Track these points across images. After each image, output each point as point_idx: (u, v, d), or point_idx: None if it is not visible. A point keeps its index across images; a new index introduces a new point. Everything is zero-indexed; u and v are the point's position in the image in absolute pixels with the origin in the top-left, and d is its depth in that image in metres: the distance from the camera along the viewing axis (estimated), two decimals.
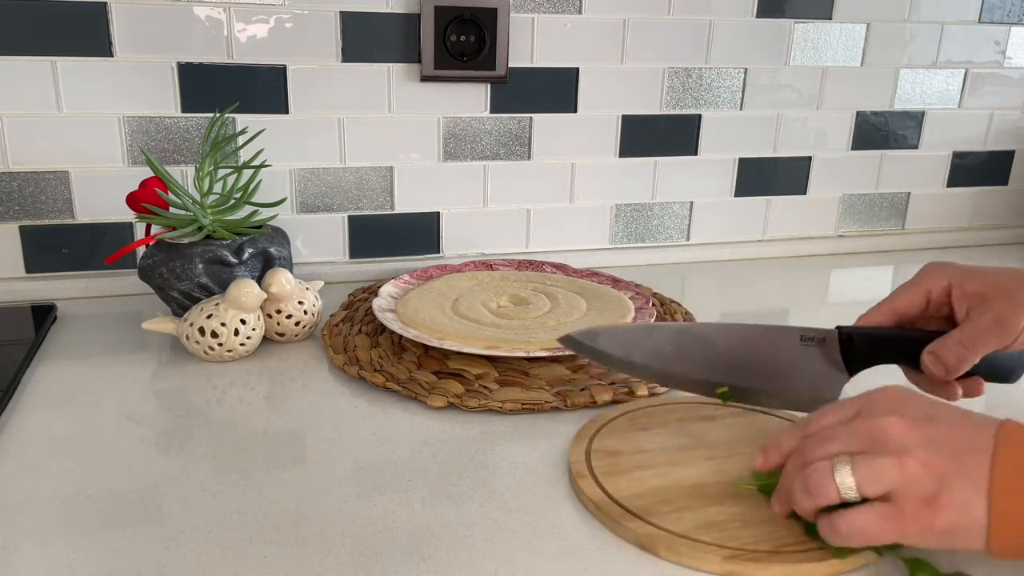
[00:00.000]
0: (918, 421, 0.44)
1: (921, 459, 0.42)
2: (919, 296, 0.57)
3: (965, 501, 0.42)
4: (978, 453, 0.42)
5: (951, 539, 0.42)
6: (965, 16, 1.10)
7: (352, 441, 0.61)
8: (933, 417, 0.45)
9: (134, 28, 0.84)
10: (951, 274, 0.56)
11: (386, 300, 0.83)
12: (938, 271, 0.57)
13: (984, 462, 0.42)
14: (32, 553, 0.47)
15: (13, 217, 0.87)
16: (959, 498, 0.42)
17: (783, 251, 1.13)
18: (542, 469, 0.58)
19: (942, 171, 1.18)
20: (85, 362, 0.73)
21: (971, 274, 0.56)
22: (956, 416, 0.45)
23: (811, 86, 1.08)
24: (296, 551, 0.48)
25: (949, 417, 0.45)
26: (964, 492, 0.42)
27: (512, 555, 0.48)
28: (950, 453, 0.43)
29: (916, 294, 0.57)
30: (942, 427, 0.44)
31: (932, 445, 0.43)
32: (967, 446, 0.43)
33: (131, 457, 0.58)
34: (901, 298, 0.58)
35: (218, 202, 0.79)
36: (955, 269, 0.57)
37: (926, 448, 0.43)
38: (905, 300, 0.57)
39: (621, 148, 1.03)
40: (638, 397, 0.67)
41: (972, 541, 0.42)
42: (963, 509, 0.42)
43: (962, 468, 0.42)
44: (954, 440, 0.43)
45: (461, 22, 0.92)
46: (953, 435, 0.43)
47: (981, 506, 0.41)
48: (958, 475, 0.42)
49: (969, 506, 0.42)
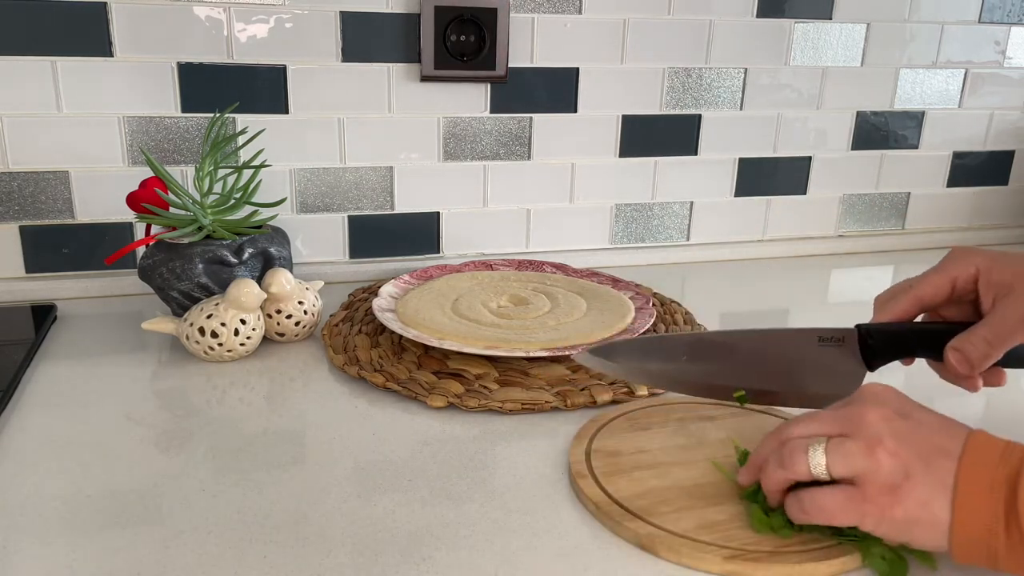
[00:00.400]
0: (895, 414, 0.46)
1: (890, 448, 0.44)
2: (945, 284, 0.56)
3: (927, 498, 0.43)
4: (946, 457, 0.44)
5: (909, 532, 0.44)
6: (965, 16, 1.10)
7: (352, 441, 0.61)
8: (910, 416, 0.46)
9: (134, 28, 0.84)
10: (978, 261, 0.55)
11: (386, 300, 0.83)
12: (964, 258, 0.56)
13: (950, 466, 0.43)
14: (32, 553, 0.47)
15: (13, 217, 0.87)
16: (921, 494, 0.43)
17: (783, 251, 1.13)
18: (542, 469, 0.58)
19: (942, 171, 1.18)
20: (85, 362, 0.73)
21: (998, 261, 0.55)
22: (932, 419, 0.46)
23: (811, 86, 1.08)
24: (296, 551, 0.48)
25: (925, 419, 0.46)
26: (927, 490, 0.43)
27: (512, 555, 0.48)
28: (919, 451, 0.44)
29: (941, 282, 0.56)
30: (917, 425, 0.45)
31: (903, 439, 0.44)
32: (937, 447, 0.44)
33: (131, 457, 0.58)
34: (926, 287, 0.56)
35: (218, 202, 0.79)
36: (982, 256, 0.55)
37: (897, 440, 0.44)
38: (930, 289, 0.56)
39: (621, 148, 1.03)
40: (638, 397, 0.67)
41: (932, 539, 0.43)
42: (924, 505, 0.43)
43: (928, 466, 0.43)
44: (926, 439, 0.44)
45: (461, 22, 0.92)
46: (925, 435, 0.45)
47: (943, 507, 0.43)
48: (924, 473, 0.43)
49: (930, 504, 0.43)
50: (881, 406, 0.46)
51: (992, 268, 0.54)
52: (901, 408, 0.47)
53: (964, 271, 0.55)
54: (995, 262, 0.55)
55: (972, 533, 0.42)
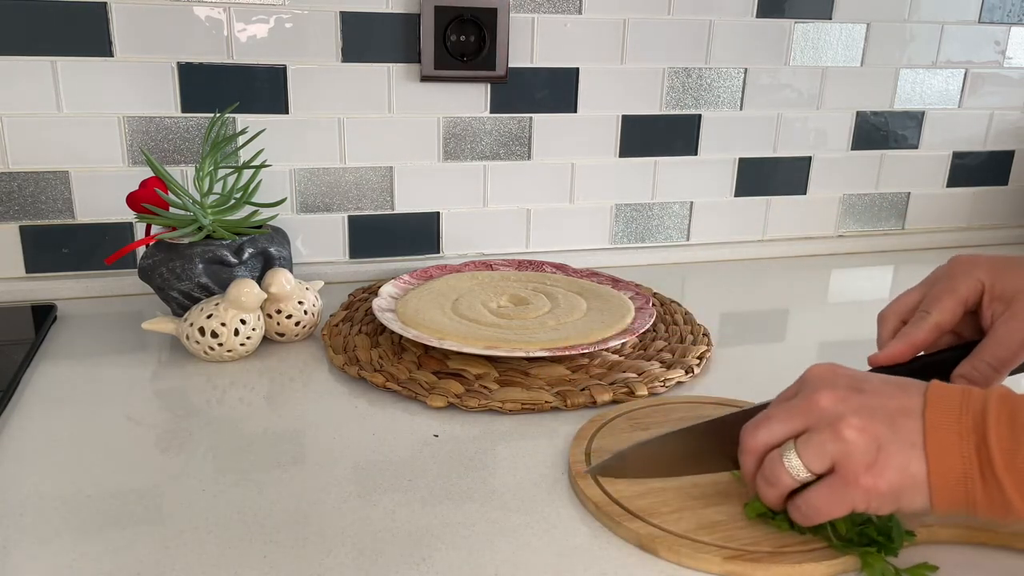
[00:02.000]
0: (848, 391, 0.46)
1: (855, 425, 0.44)
2: (959, 307, 0.54)
3: (903, 462, 0.43)
4: (909, 416, 0.44)
5: (897, 501, 0.44)
6: (965, 16, 1.10)
7: (352, 441, 0.61)
8: (863, 388, 0.46)
9: (134, 28, 0.84)
10: (981, 276, 0.54)
11: (386, 300, 0.83)
12: (968, 273, 0.54)
13: (916, 424, 0.44)
14: (32, 553, 0.47)
15: (13, 217, 0.87)
16: (897, 460, 0.43)
17: (783, 251, 1.13)
18: (542, 469, 0.58)
19: (942, 171, 1.18)
20: (85, 362, 0.73)
21: (1001, 273, 0.54)
22: (885, 384, 0.46)
23: (811, 86, 1.08)
24: (296, 551, 0.48)
25: (879, 385, 0.46)
26: (901, 454, 0.43)
27: (512, 555, 0.48)
28: (883, 418, 0.44)
29: (956, 305, 0.54)
30: (873, 396, 0.45)
31: (865, 412, 0.44)
32: (899, 410, 0.44)
33: (131, 457, 0.58)
34: (944, 313, 0.54)
35: (218, 202, 0.79)
36: (984, 268, 0.54)
37: (859, 414, 0.44)
38: (949, 315, 0.54)
39: (621, 148, 1.03)
40: (638, 397, 0.67)
41: (916, 501, 0.44)
42: (902, 469, 0.43)
43: (896, 431, 0.44)
44: (885, 406, 0.45)
45: (461, 22, 0.92)
46: (884, 401, 0.45)
47: (919, 465, 0.43)
48: (893, 438, 0.43)
49: (908, 466, 0.43)
50: (831, 388, 0.46)
51: (995, 281, 0.53)
52: (852, 383, 0.46)
53: (972, 289, 0.54)
54: (998, 274, 0.54)
55: (949, 482, 0.43)
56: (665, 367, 0.73)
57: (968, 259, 0.56)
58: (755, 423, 0.48)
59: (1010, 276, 0.53)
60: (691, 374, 0.72)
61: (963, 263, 0.56)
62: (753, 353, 0.80)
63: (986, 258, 0.55)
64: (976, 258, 0.56)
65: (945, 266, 0.57)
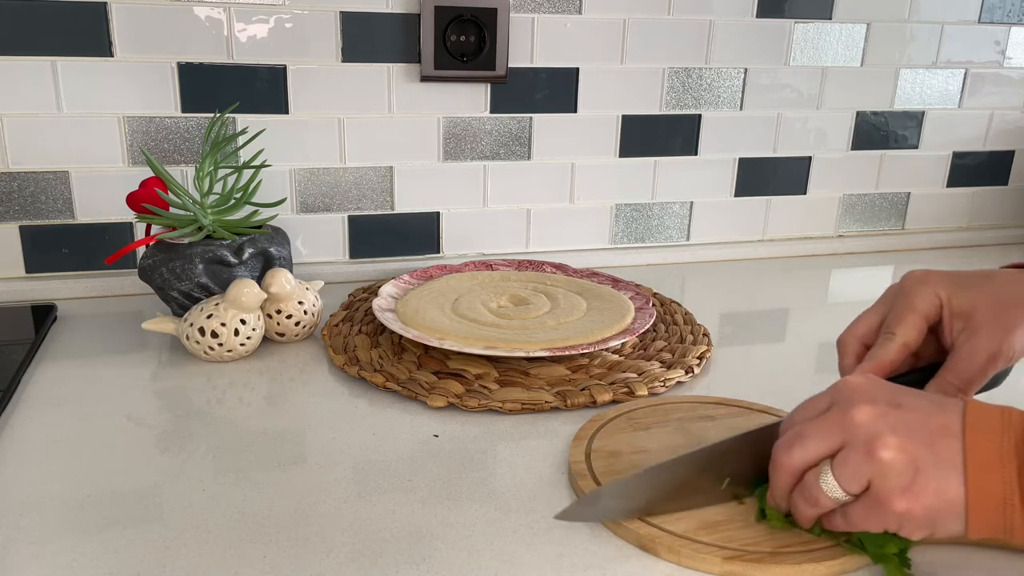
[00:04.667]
0: (887, 407, 0.44)
1: (893, 445, 0.43)
2: (922, 323, 0.53)
3: (941, 486, 0.42)
4: (949, 436, 0.43)
5: (932, 526, 0.43)
6: (965, 16, 1.10)
7: (352, 441, 0.61)
8: (901, 404, 0.45)
9: (134, 28, 0.84)
10: (937, 291, 0.53)
11: (386, 300, 0.83)
12: (925, 290, 0.54)
13: (956, 444, 0.43)
14: (32, 553, 0.47)
15: (13, 217, 0.87)
16: (934, 484, 0.42)
17: (783, 251, 1.13)
18: (542, 469, 0.58)
19: (942, 171, 1.18)
20: (85, 362, 0.73)
21: (957, 288, 0.53)
22: (922, 399, 0.45)
23: (811, 86, 1.08)
24: (296, 551, 0.48)
25: (916, 401, 0.45)
26: (938, 477, 0.42)
27: (512, 555, 0.48)
28: (922, 437, 0.43)
29: (918, 321, 0.53)
30: (911, 412, 0.44)
31: (903, 430, 0.43)
32: (939, 429, 0.43)
33: (131, 457, 0.58)
34: (910, 331, 0.53)
35: (218, 202, 0.79)
36: (940, 284, 0.54)
37: (897, 433, 0.43)
38: (914, 333, 0.53)
39: (621, 148, 1.03)
40: (638, 397, 0.67)
41: (951, 526, 0.43)
42: (940, 494, 0.42)
43: (935, 453, 0.43)
44: (926, 424, 0.43)
45: (461, 22, 0.92)
46: (924, 419, 0.44)
47: (957, 489, 0.42)
48: (933, 461, 0.42)
49: (946, 491, 0.42)
50: (869, 402, 0.45)
51: (952, 296, 0.53)
52: (890, 397, 0.45)
53: (931, 304, 0.53)
54: (954, 289, 0.53)
55: (987, 507, 0.41)
56: (665, 367, 0.73)
57: (921, 274, 0.55)
58: (789, 440, 0.46)
59: (966, 291, 0.53)
60: (691, 374, 0.72)
61: (917, 278, 0.55)
62: (753, 353, 0.80)
63: (939, 273, 0.55)
64: (928, 273, 0.55)
65: (898, 285, 0.56)
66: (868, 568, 0.47)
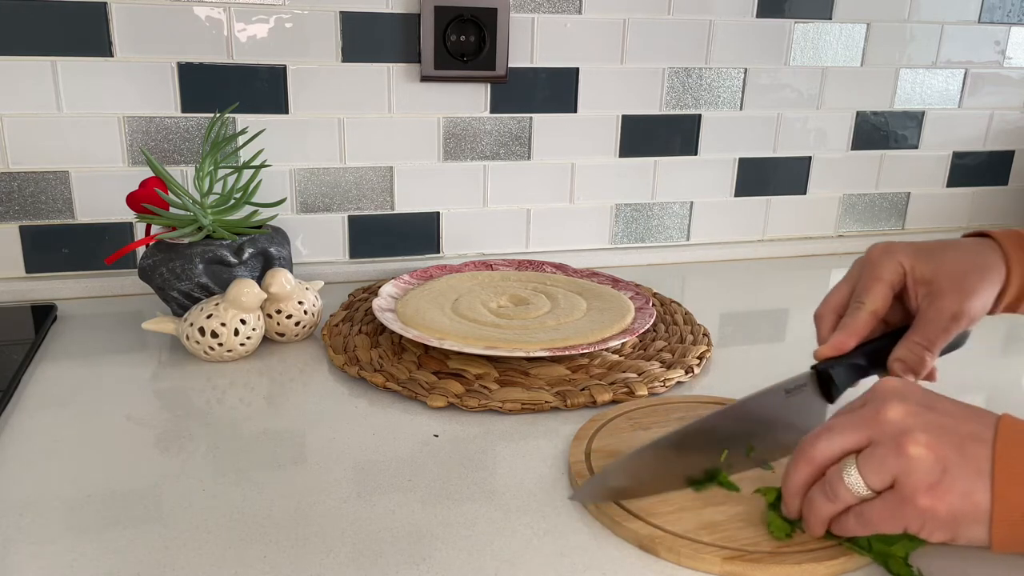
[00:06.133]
0: (920, 407, 0.44)
1: (922, 441, 0.42)
2: (887, 291, 0.56)
3: (968, 489, 0.42)
4: (980, 443, 0.43)
5: (955, 529, 0.43)
6: (965, 16, 1.10)
7: (352, 441, 0.61)
8: (935, 406, 0.45)
9: (134, 28, 0.84)
10: (901, 261, 0.56)
11: (386, 300, 0.83)
12: (889, 260, 0.57)
13: (985, 452, 0.42)
14: (32, 553, 0.47)
15: (13, 217, 0.87)
16: (961, 486, 0.42)
17: (783, 251, 1.13)
18: (542, 469, 0.58)
19: (942, 171, 1.18)
20: (85, 362, 0.73)
21: (919, 257, 0.56)
22: (956, 406, 0.45)
23: (811, 86, 1.08)
24: (296, 551, 0.48)
25: (950, 406, 0.45)
26: (967, 480, 0.42)
27: (512, 555, 0.48)
28: (953, 440, 0.43)
29: (884, 289, 0.56)
30: (944, 415, 0.44)
31: (934, 429, 0.43)
32: (969, 435, 0.43)
33: (131, 457, 0.58)
34: (878, 299, 0.56)
35: (218, 202, 0.79)
36: (903, 253, 0.57)
37: (928, 431, 0.43)
38: (881, 300, 0.56)
39: (621, 148, 1.03)
40: (638, 397, 0.67)
41: (974, 532, 0.42)
42: (966, 496, 0.42)
43: (965, 457, 0.42)
44: (957, 428, 0.43)
45: (461, 22, 0.92)
46: (956, 424, 0.43)
47: (984, 494, 0.42)
48: (961, 463, 0.42)
49: (972, 494, 0.42)
50: (902, 401, 0.45)
51: (915, 264, 0.56)
52: (924, 400, 0.45)
53: (895, 272, 0.56)
54: (917, 258, 0.56)
55: (1013, 517, 0.41)
56: (665, 367, 0.73)
57: (883, 246, 0.58)
58: (816, 433, 0.47)
59: (927, 260, 0.56)
60: (691, 374, 0.72)
61: (879, 251, 0.58)
62: (753, 353, 0.80)
63: (901, 244, 0.57)
64: (891, 244, 0.58)
65: (863, 257, 0.59)
66: (868, 568, 0.47)
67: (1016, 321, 0.86)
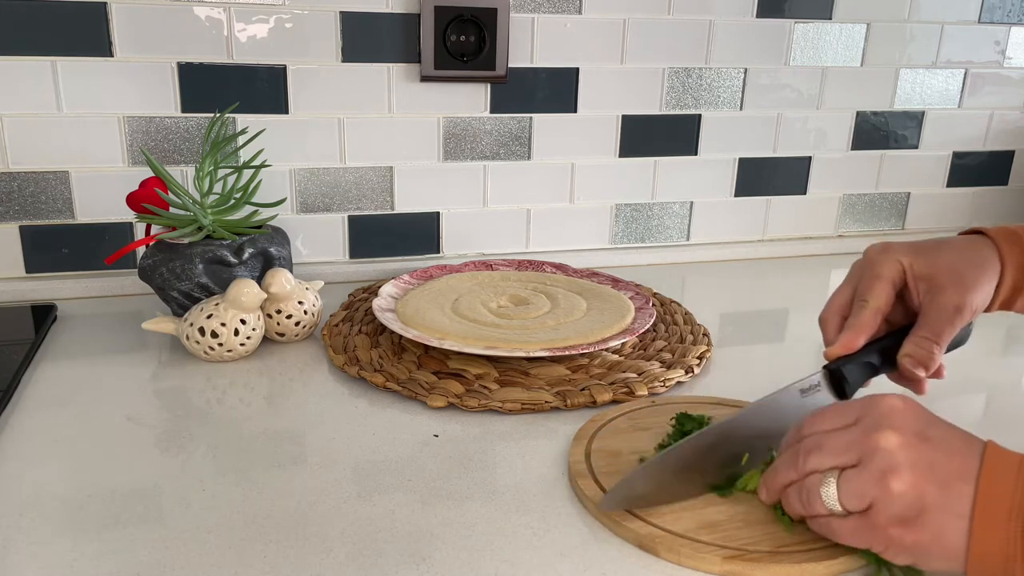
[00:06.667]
0: (914, 439, 0.44)
1: (907, 480, 0.43)
2: (889, 289, 0.56)
3: (942, 528, 0.42)
4: (963, 481, 0.42)
5: (918, 557, 0.43)
6: (965, 16, 1.10)
7: (352, 441, 0.61)
8: (930, 437, 0.44)
9: (134, 28, 0.84)
10: (899, 259, 0.57)
11: (386, 300, 0.83)
12: (887, 259, 0.57)
13: (968, 491, 0.42)
14: (32, 553, 0.47)
15: (13, 217, 0.87)
16: (936, 525, 0.42)
17: (783, 251, 1.13)
18: (542, 469, 0.58)
19: (942, 171, 1.18)
20: (85, 362, 0.73)
21: (917, 255, 0.57)
22: (951, 437, 0.45)
23: (811, 86, 1.08)
24: (296, 551, 0.48)
25: (945, 437, 0.45)
26: (942, 520, 0.42)
27: (512, 555, 0.48)
28: (938, 479, 0.43)
29: (886, 287, 0.56)
30: (935, 450, 0.44)
31: (922, 468, 0.43)
32: (955, 473, 0.43)
33: (131, 457, 0.58)
34: (881, 297, 0.56)
35: (218, 202, 0.79)
36: (901, 252, 0.57)
37: (915, 470, 0.43)
38: (884, 298, 0.56)
39: (621, 148, 1.03)
40: (638, 397, 0.67)
41: (936, 564, 0.43)
42: (938, 536, 0.42)
43: (946, 495, 0.42)
44: (944, 466, 0.43)
45: (461, 22, 0.92)
46: (944, 460, 0.43)
47: (959, 535, 0.42)
48: (940, 502, 0.42)
49: (945, 533, 0.42)
50: (898, 430, 0.44)
51: (914, 262, 0.56)
52: (921, 429, 0.45)
53: (895, 270, 0.57)
54: (915, 256, 0.56)
55: (988, 560, 0.41)
56: (665, 367, 0.73)
57: (881, 246, 0.58)
58: (807, 446, 0.47)
59: (925, 256, 0.56)
60: (691, 374, 0.72)
61: (877, 250, 0.58)
62: (753, 353, 0.80)
63: (897, 243, 0.58)
64: (888, 244, 0.58)
65: (861, 259, 0.59)
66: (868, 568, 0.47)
67: (1016, 321, 0.86)
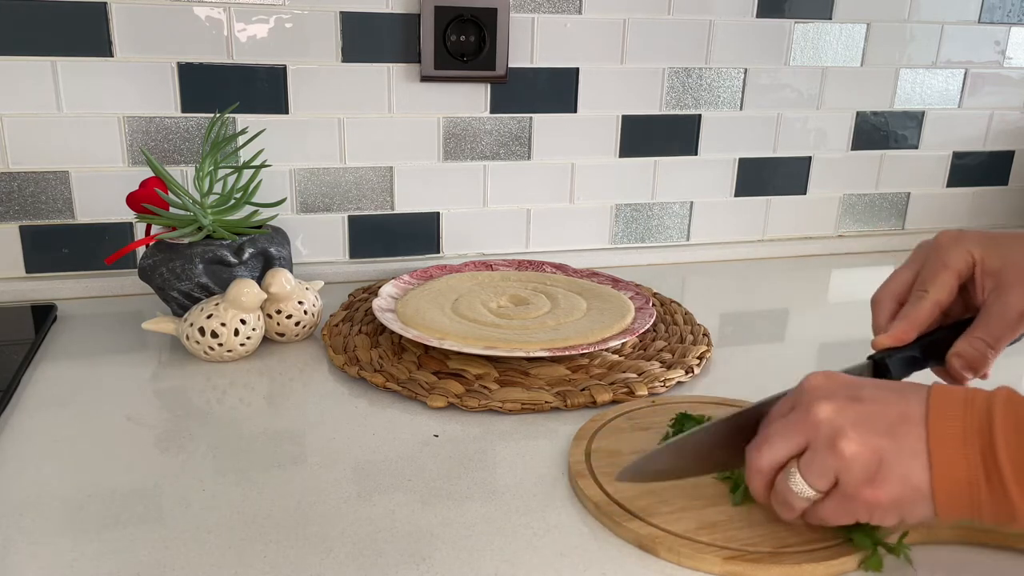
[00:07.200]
0: (846, 402, 0.44)
1: (854, 439, 0.43)
2: (954, 282, 0.54)
3: (905, 473, 0.42)
4: (910, 423, 0.43)
5: (900, 512, 0.44)
6: (965, 16, 1.10)
7: (352, 441, 0.61)
8: (861, 397, 0.45)
9: (134, 28, 0.84)
10: (971, 250, 0.53)
11: (386, 300, 0.83)
12: (958, 248, 0.54)
13: (918, 431, 0.43)
14: (32, 553, 0.47)
15: (13, 217, 0.87)
16: (898, 472, 0.42)
17: (783, 251, 1.13)
18: (542, 469, 0.58)
19: (942, 171, 1.18)
20: (85, 362, 0.73)
21: (990, 247, 0.53)
22: (882, 390, 0.45)
23: (811, 86, 1.08)
24: (296, 551, 0.48)
25: (876, 392, 0.45)
26: (902, 465, 0.42)
27: (512, 555, 0.48)
28: (883, 428, 0.43)
29: (951, 279, 0.53)
30: (871, 403, 0.44)
31: (864, 423, 0.43)
32: (899, 418, 0.43)
33: (131, 457, 0.58)
34: (943, 290, 0.53)
35: (218, 202, 0.79)
36: (974, 243, 0.54)
37: (858, 427, 0.43)
38: (946, 291, 0.53)
39: (621, 148, 1.03)
40: (638, 397, 0.67)
41: (919, 510, 0.43)
42: (904, 481, 0.42)
43: (898, 441, 0.43)
44: (885, 415, 0.43)
45: (461, 22, 0.92)
46: (883, 409, 0.44)
47: (922, 474, 0.42)
48: (894, 450, 0.43)
49: (910, 477, 0.42)
50: (829, 398, 0.45)
51: (986, 256, 0.53)
52: (849, 391, 0.45)
53: (964, 262, 0.53)
54: (987, 248, 0.53)
55: (953, 489, 0.42)
56: (665, 367, 0.73)
57: (954, 233, 0.55)
58: (757, 443, 0.47)
59: (999, 250, 0.53)
60: (691, 374, 0.72)
61: (949, 238, 0.55)
62: (753, 353, 0.80)
63: (973, 232, 0.55)
64: (963, 233, 0.55)
65: (931, 241, 0.56)
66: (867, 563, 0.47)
67: None
